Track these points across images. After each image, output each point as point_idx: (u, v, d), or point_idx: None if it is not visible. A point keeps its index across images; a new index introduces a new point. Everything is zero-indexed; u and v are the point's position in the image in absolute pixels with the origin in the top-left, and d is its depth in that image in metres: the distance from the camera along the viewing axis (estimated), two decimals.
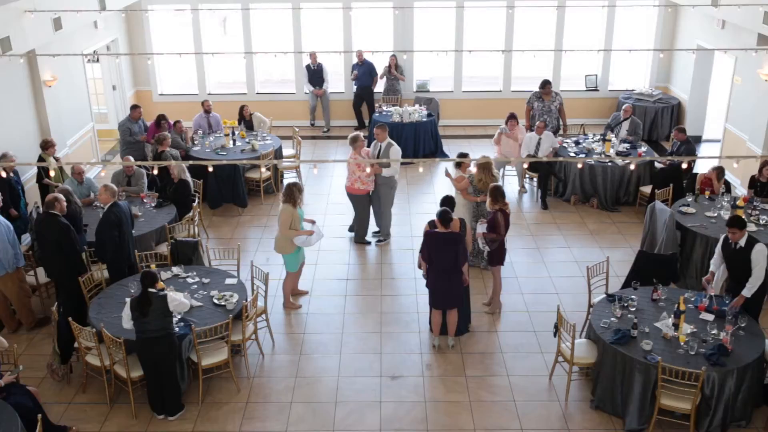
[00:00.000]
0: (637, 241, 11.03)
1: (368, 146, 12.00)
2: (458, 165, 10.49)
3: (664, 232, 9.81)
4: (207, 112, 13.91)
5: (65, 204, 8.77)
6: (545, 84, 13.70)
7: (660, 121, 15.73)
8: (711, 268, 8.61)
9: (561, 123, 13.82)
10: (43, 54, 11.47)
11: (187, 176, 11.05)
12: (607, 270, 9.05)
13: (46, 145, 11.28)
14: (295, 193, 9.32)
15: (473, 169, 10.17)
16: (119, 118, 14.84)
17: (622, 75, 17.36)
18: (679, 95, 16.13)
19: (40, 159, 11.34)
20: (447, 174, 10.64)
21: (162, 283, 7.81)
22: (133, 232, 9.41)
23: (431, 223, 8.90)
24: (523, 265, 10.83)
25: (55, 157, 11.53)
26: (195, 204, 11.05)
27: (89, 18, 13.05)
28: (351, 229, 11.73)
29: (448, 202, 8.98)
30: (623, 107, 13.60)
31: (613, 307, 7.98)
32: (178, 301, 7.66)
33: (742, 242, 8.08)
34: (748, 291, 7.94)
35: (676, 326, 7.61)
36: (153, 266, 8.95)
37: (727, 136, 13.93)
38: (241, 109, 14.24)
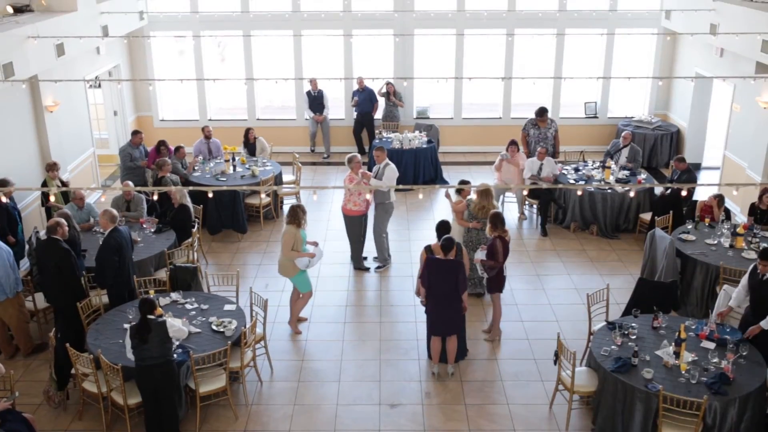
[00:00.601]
0: (637, 268, 11.00)
1: (368, 170, 11.99)
2: (459, 191, 10.51)
3: (664, 260, 9.79)
4: (207, 137, 13.95)
5: (67, 229, 8.77)
6: (543, 112, 13.75)
7: (659, 149, 15.77)
8: (731, 303, 8.43)
9: (554, 149, 13.84)
10: (46, 80, 11.54)
11: (188, 201, 11.06)
12: (607, 297, 9.01)
13: (50, 168, 11.35)
14: (299, 215, 9.35)
15: (474, 196, 10.18)
16: (120, 144, 14.90)
17: (621, 102, 17.43)
18: (678, 122, 16.19)
19: (44, 182, 11.43)
20: (447, 195, 10.68)
21: (160, 309, 7.78)
22: (133, 257, 9.39)
23: (427, 248, 8.90)
24: (522, 293, 10.79)
25: (60, 179, 11.62)
26: (195, 230, 11.04)
27: (92, 44, 13.15)
28: (353, 259, 11.70)
29: (443, 227, 8.99)
30: (622, 134, 13.64)
31: (614, 334, 7.94)
32: (176, 327, 7.62)
33: None
34: (767, 323, 7.79)
35: (677, 354, 7.56)
36: (152, 292, 8.92)
37: (727, 164, 13.96)
38: (247, 132, 14.30)
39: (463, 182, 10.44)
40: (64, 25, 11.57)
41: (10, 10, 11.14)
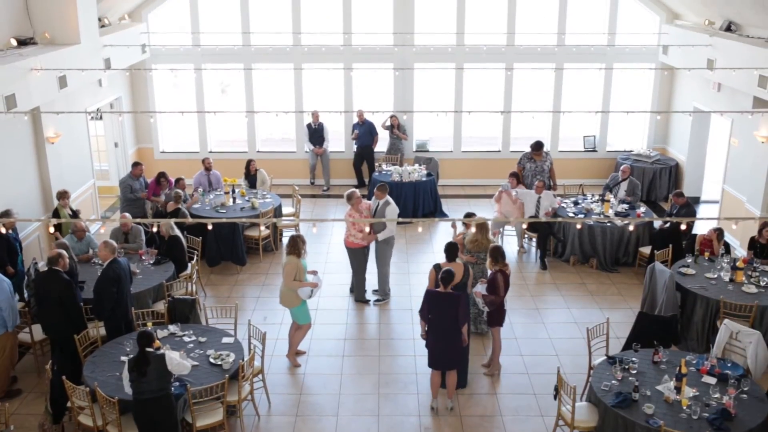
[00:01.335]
0: (637, 302, 10.96)
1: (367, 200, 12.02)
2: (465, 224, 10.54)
3: (664, 294, 9.76)
4: (208, 169, 13.99)
5: (68, 260, 8.76)
6: (539, 146, 13.82)
7: (658, 182, 15.81)
8: None
9: (552, 182, 13.88)
10: (48, 111, 11.61)
11: (176, 232, 11.04)
12: (607, 331, 8.97)
13: (61, 196, 11.47)
14: (299, 244, 9.36)
15: (473, 228, 10.19)
16: (120, 175, 14.94)
17: (620, 136, 17.53)
18: (676, 156, 16.26)
19: (56, 210, 11.56)
20: (453, 225, 10.80)
21: (158, 341, 7.73)
22: (131, 289, 9.36)
23: (436, 266, 9.04)
24: (522, 326, 10.74)
25: (71, 208, 11.73)
26: (194, 261, 11.02)
27: (94, 76, 13.23)
28: (352, 290, 11.67)
29: (451, 248, 9.10)
30: (621, 168, 13.69)
31: (614, 369, 7.88)
32: (177, 361, 7.57)
33: None
34: None
35: (678, 389, 7.50)
36: (149, 324, 8.88)
37: (726, 197, 13.99)
38: (248, 163, 14.36)
39: (469, 215, 10.48)
40: (67, 58, 11.66)
41: (14, 42, 11.24)
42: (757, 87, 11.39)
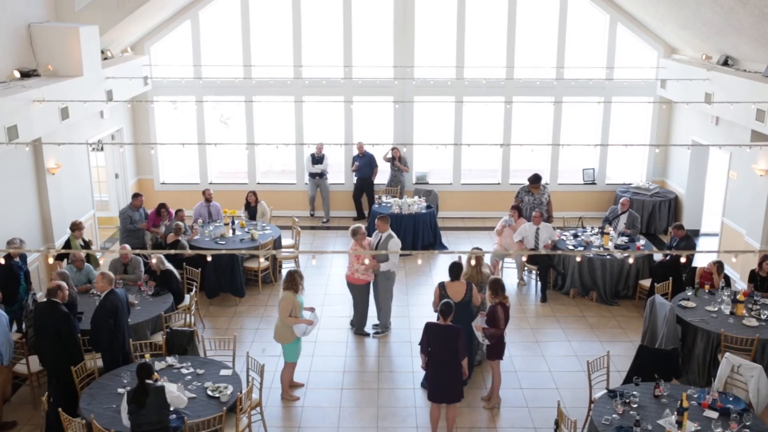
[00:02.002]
0: (638, 335, 10.91)
1: (369, 236, 12.03)
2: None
3: (664, 327, 9.72)
4: (208, 201, 14.02)
5: (67, 292, 8.74)
6: (537, 179, 13.86)
7: (658, 215, 15.83)
8: None
9: (548, 214, 13.89)
10: (49, 142, 11.66)
11: (168, 266, 11.00)
12: (607, 365, 8.91)
13: (75, 227, 11.56)
14: (297, 280, 9.31)
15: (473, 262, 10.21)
16: (120, 206, 14.96)
17: (619, 169, 17.59)
18: (676, 189, 16.30)
19: (67, 242, 11.66)
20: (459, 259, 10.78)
21: (156, 374, 7.68)
22: (129, 320, 9.33)
23: (441, 285, 9.25)
24: (522, 359, 10.68)
25: (83, 239, 11.80)
26: (192, 293, 10.99)
27: (96, 108, 13.33)
28: (353, 324, 11.61)
29: (456, 267, 9.29)
30: (621, 200, 13.72)
31: (615, 403, 7.81)
32: (175, 394, 7.51)
33: None
34: None
35: (679, 424, 7.43)
36: (147, 356, 8.82)
37: (725, 230, 13.99)
38: (249, 195, 14.39)
39: (476, 249, 10.54)
40: (70, 90, 11.74)
41: (17, 74, 11.33)
42: (755, 120, 11.46)
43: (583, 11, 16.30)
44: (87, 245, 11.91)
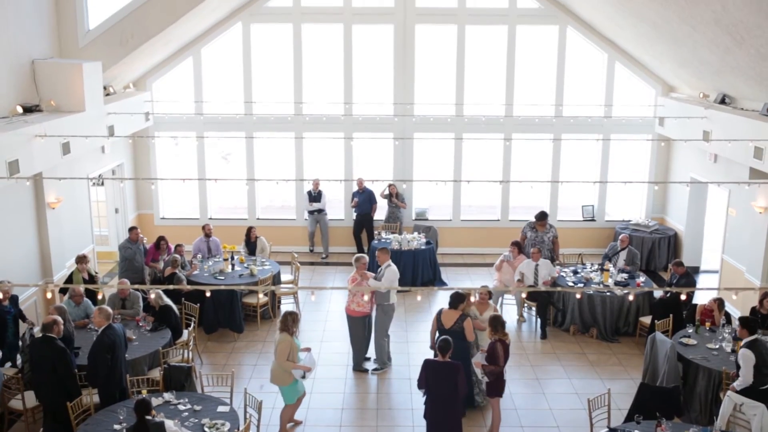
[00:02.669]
0: (638, 372, 10.84)
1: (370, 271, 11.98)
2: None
3: (665, 364, 9.66)
4: (207, 236, 14.02)
5: (63, 326, 8.69)
6: (542, 216, 13.88)
7: (657, 252, 15.82)
8: None
9: (553, 255, 13.85)
10: (50, 177, 11.70)
11: (166, 301, 10.96)
12: (608, 402, 8.83)
13: (81, 260, 11.62)
14: (289, 323, 9.18)
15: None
16: (120, 241, 14.95)
17: (618, 205, 17.63)
18: (675, 226, 16.31)
19: (70, 276, 11.72)
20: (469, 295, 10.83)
21: (153, 410, 7.61)
22: (127, 355, 9.26)
23: (439, 312, 9.54)
24: (522, 397, 10.58)
25: (89, 272, 11.82)
26: (190, 328, 10.93)
27: (97, 143, 13.40)
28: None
29: (457, 297, 9.41)
30: (620, 237, 13.72)
31: None
32: (174, 430, 7.43)
33: (742, 341, 8.91)
34: (737, 385, 8.73)
35: None
36: (144, 392, 8.75)
37: (725, 267, 13.97)
38: (248, 231, 14.40)
39: (484, 287, 10.59)
40: (71, 125, 11.81)
41: (19, 109, 11.41)
42: (753, 158, 11.52)
43: (582, 50, 16.49)
44: (92, 278, 11.89)
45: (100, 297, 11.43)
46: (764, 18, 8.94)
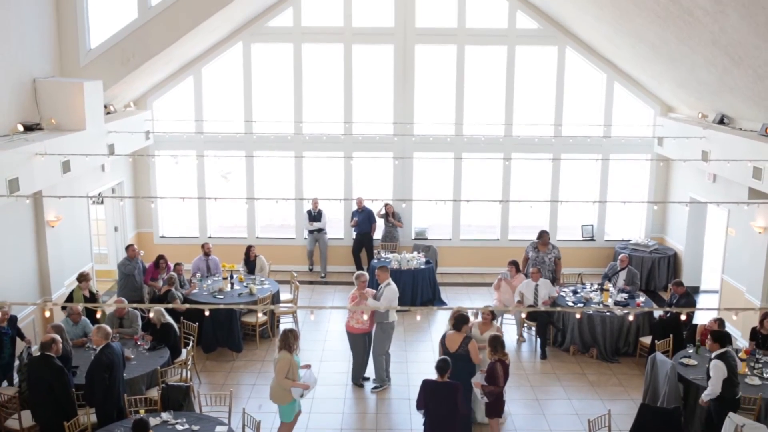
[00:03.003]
0: (639, 393, 10.78)
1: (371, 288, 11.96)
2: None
3: (666, 385, 9.61)
4: (207, 254, 14.01)
5: (61, 345, 8.66)
6: (541, 235, 13.90)
7: (657, 272, 15.81)
8: None
9: (554, 275, 13.83)
10: (49, 195, 11.70)
11: (168, 319, 10.94)
12: (609, 424, 8.78)
13: (82, 278, 11.58)
14: (290, 340, 9.17)
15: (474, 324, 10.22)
16: (119, 259, 14.91)
17: (617, 225, 17.63)
18: (674, 246, 16.30)
19: (70, 295, 11.66)
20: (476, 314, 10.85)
21: (151, 430, 7.56)
22: (124, 375, 9.22)
23: (443, 335, 9.52)
24: (522, 418, 10.52)
25: (90, 290, 11.78)
26: (189, 347, 10.89)
27: (97, 161, 13.42)
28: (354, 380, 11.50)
29: (461, 318, 9.34)
30: (620, 257, 13.70)
31: None
32: None
33: (713, 354, 9.11)
34: (705, 396, 9.05)
35: None
36: (142, 411, 8.70)
37: (725, 287, 13.95)
38: (248, 249, 14.39)
39: (487, 307, 10.62)
40: (72, 143, 11.84)
41: (20, 128, 11.45)
42: (752, 178, 11.53)
43: (581, 70, 16.57)
44: (93, 296, 11.87)
45: (98, 315, 11.38)
46: (762, 39, 8.99)
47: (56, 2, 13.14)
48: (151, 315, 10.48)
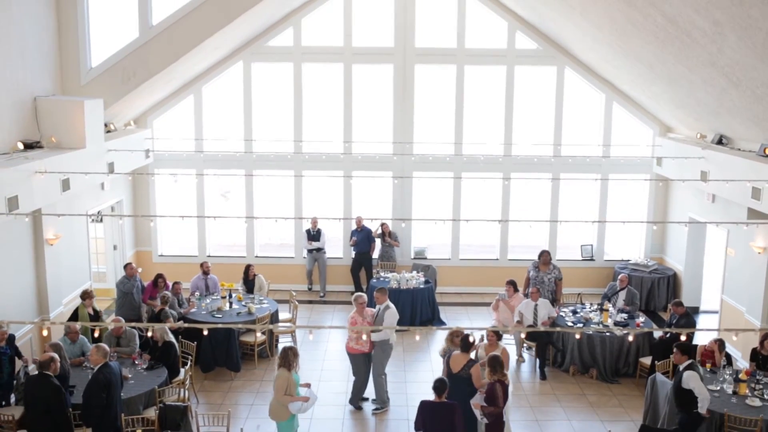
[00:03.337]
0: (639, 414, 10.72)
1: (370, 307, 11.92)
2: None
3: (666, 406, 9.57)
4: (205, 273, 13.98)
5: (59, 364, 8.62)
6: (542, 254, 13.89)
7: (657, 292, 15.78)
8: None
9: (554, 296, 13.80)
10: (49, 213, 11.70)
11: (170, 338, 10.90)
12: None
13: (86, 296, 11.56)
14: (290, 357, 9.17)
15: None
16: (117, 278, 14.88)
17: (617, 245, 17.62)
18: (674, 266, 16.29)
19: (75, 312, 11.62)
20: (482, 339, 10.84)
21: None
22: (122, 394, 9.17)
23: (449, 355, 9.43)
24: None
25: (94, 308, 11.74)
26: (187, 367, 10.83)
27: (97, 180, 13.43)
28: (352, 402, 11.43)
29: (464, 341, 9.31)
30: (619, 277, 13.68)
31: None
32: None
33: (681, 367, 9.26)
34: (702, 407, 9.01)
35: None
36: (139, 431, 8.64)
37: (725, 308, 13.92)
38: (247, 268, 14.37)
39: (494, 329, 10.56)
40: (72, 162, 11.86)
41: (20, 146, 11.46)
42: (751, 198, 11.54)
43: (580, 90, 16.64)
44: (97, 314, 11.84)
45: (96, 335, 11.34)
46: (759, 60, 9.03)
47: (58, 21, 13.22)
48: (153, 332, 10.45)
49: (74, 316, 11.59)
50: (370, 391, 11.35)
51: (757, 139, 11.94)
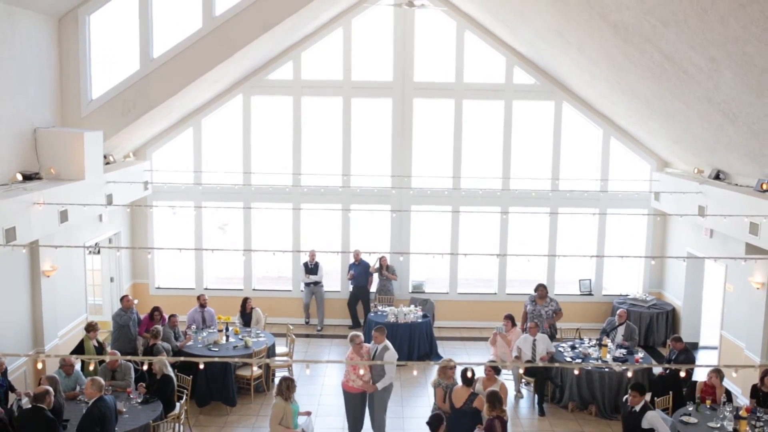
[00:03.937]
0: None
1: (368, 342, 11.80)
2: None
3: None
4: (202, 306, 13.92)
5: (53, 398, 8.53)
6: (538, 288, 13.86)
7: (655, 327, 15.70)
8: None
9: (552, 331, 13.72)
10: (46, 245, 11.66)
11: (169, 371, 10.80)
12: None
13: (90, 328, 11.54)
14: (283, 387, 9.09)
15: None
16: (113, 310, 14.81)
17: (615, 280, 17.58)
18: (673, 301, 16.23)
19: (80, 344, 11.59)
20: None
21: None
22: (116, 429, 9.05)
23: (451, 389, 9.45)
24: None
25: (98, 340, 11.71)
26: (182, 401, 10.72)
27: (95, 211, 13.41)
28: None
29: (465, 376, 9.35)
30: (618, 312, 13.62)
31: None
32: None
33: (637, 408, 9.37)
34: None
35: None
36: None
37: (724, 344, 13.84)
38: (244, 301, 14.30)
39: (492, 362, 10.51)
40: (70, 193, 11.85)
41: (19, 177, 11.47)
42: (749, 234, 11.55)
43: (577, 125, 16.74)
44: (101, 346, 11.76)
45: (92, 368, 11.21)
46: (755, 96, 9.10)
47: (59, 53, 13.32)
48: (155, 364, 10.37)
49: (79, 349, 11.51)
50: (366, 427, 11.21)
51: (754, 175, 11.98)
